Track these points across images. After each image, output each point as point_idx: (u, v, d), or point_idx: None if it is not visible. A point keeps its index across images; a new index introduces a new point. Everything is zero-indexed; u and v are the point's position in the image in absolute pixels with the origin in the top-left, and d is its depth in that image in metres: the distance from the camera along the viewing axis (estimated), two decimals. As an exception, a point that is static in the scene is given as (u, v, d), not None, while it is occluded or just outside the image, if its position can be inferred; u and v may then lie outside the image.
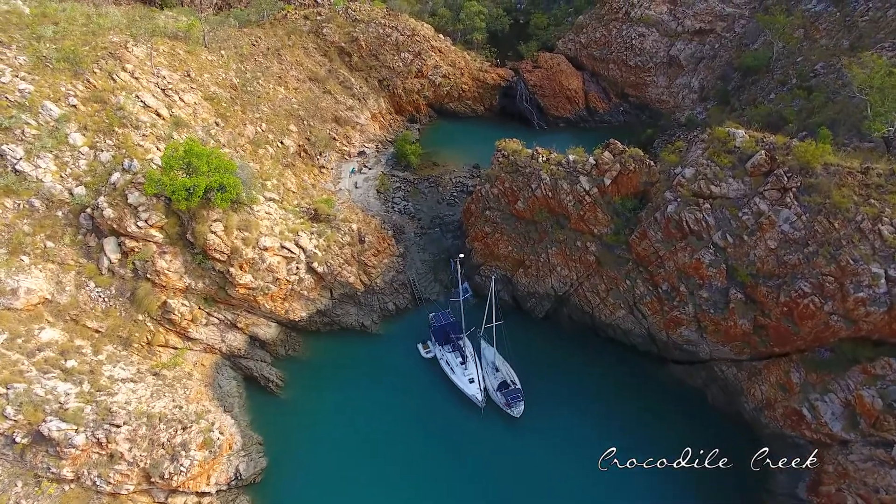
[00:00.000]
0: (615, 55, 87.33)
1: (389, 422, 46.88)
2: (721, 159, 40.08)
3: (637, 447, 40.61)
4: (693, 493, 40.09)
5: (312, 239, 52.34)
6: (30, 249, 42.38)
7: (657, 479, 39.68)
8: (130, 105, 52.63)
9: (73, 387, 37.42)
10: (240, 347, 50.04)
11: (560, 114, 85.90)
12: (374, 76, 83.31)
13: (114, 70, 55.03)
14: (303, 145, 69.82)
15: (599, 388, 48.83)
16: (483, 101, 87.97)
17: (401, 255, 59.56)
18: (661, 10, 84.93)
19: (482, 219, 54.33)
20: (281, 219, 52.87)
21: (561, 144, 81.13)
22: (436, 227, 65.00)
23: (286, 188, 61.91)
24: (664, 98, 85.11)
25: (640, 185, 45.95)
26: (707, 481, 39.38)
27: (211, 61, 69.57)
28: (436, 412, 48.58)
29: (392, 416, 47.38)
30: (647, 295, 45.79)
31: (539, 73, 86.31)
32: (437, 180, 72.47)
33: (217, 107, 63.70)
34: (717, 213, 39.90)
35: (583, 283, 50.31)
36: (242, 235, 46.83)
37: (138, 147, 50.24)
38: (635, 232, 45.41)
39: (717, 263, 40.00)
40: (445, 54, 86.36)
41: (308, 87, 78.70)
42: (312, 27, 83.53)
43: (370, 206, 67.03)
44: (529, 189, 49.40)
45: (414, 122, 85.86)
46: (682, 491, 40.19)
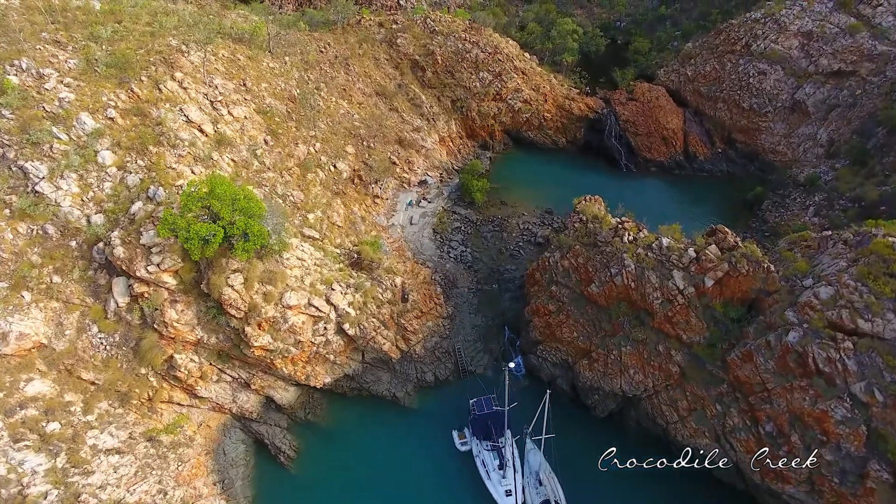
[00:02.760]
0: (726, 93, 75.93)
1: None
2: (880, 284, 30.23)
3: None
4: None
5: (347, 294, 46.14)
6: (34, 284, 38.46)
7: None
8: (171, 120, 48.39)
9: (45, 460, 32.91)
10: (252, 409, 44.83)
11: (653, 156, 75.61)
12: (448, 95, 76.33)
13: (161, 79, 51.05)
14: (358, 170, 63.98)
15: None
16: (566, 132, 78.98)
17: (449, 316, 52.47)
18: (792, 44, 72.72)
19: (547, 293, 46.20)
20: (315, 266, 47.00)
21: (650, 193, 72.21)
22: (493, 282, 57.41)
23: (331, 222, 56.25)
24: (780, 149, 73.06)
25: (752, 293, 36.42)
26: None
27: (272, 69, 65.05)
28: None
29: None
30: (743, 430, 36.39)
31: (633, 107, 76.38)
32: (503, 224, 64.67)
33: (269, 122, 58.87)
34: (862, 358, 30.12)
35: (660, 392, 41.41)
36: (265, 290, 41.14)
37: (170, 171, 45.71)
38: (737, 350, 36.02)
39: (853, 423, 30.26)
40: (529, 77, 78.08)
41: (374, 102, 72.89)
42: (386, 36, 77.57)
43: (423, 248, 60.30)
44: (608, 272, 40.80)
45: (486, 150, 78.29)
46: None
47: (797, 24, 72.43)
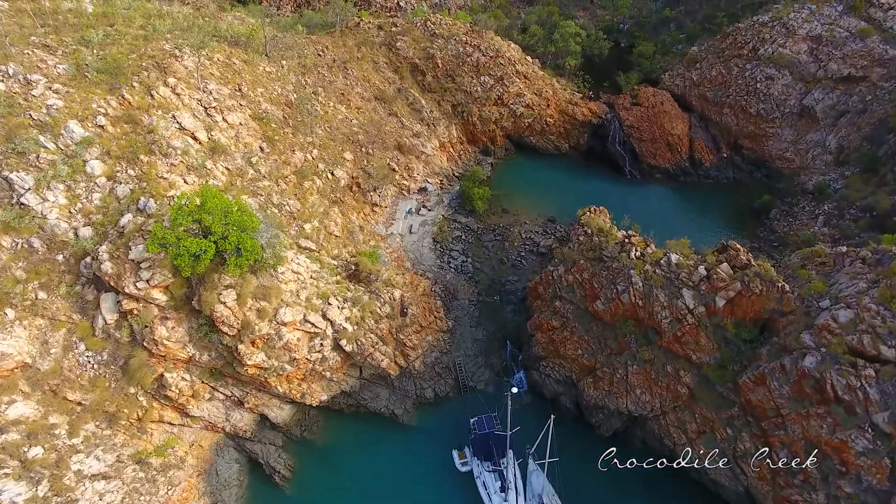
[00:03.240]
0: (733, 98, 74.52)
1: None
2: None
3: None
4: None
5: (344, 309, 44.78)
6: (18, 301, 36.98)
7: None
8: (163, 128, 46.94)
9: (26, 489, 31.58)
10: (246, 428, 43.52)
11: (657, 163, 74.21)
12: (448, 100, 74.92)
13: (154, 85, 49.61)
14: (356, 177, 62.60)
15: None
16: (569, 137, 77.56)
17: (449, 330, 51.11)
18: (800, 48, 71.30)
19: (550, 308, 44.84)
20: (311, 279, 45.63)
21: (655, 200, 70.73)
22: (495, 294, 56.04)
23: (328, 232, 54.91)
24: (788, 155, 71.64)
25: (765, 313, 35.05)
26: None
27: (268, 73, 63.67)
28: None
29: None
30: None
31: (638, 112, 74.99)
32: (505, 232, 63.28)
33: (265, 128, 57.49)
34: (885, 386, 28.77)
35: (667, 413, 40.06)
36: (258, 306, 39.77)
37: (161, 181, 44.27)
38: (749, 372, 34.67)
39: (875, 455, 28.93)
40: (531, 81, 76.67)
41: (372, 107, 71.51)
42: (385, 39, 76.16)
43: (423, 258, 58.93)
44: (614, 289, 39.44)
45: (487, 155, 76.89)
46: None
47: (806, 28, 71.06)
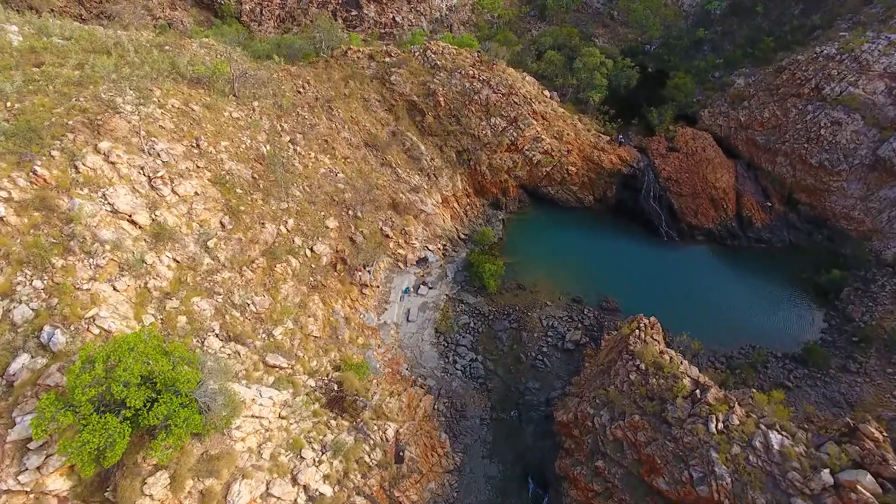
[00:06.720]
0: (789, 145, 64.97)
1: None
2: None
3: None
4: None
5: (322, 463, 34.92)
6: None
7: None
8: (88, 214, 36.87)
9: None
10: None
11: (699, 222, 64.57)
12: (452, 145, 65.10)
13: (80, 152, 39.48)
14: (341, 251, 52.64)
15: None
16: (594, 188, 67.88)
17: (456, 468, 41.30)
18: (876, 87, 61.61)
19: (590, 467, 35.00)
20: (279, 420, 35.74)
21: (700, 273, 60.49)
22: (512, 408, 46.30)
23: (304, 333, 45.00)
24: (856, 215, 62.14)
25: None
26: None
27: (235, 120, 53.80)
28: None
29: None
30: None
31: (676, 161, 65.37)
32: (522, 318, 53.50)
33: (228, 195, 47.60)
34: None
35: None
36: (203, 486, 29.78)
37: (79, 294, 34.16)
38: None
39: None
40: (550, 122, 66.89)
41: (362, 155, 61.54)
42: (378, 71, 66.18)
43: (423, 357, 49.10)
44: (685, 471, 29.58)
45: (497, 209, 67.20)
46: None
47: (883, 63, 61.45)
